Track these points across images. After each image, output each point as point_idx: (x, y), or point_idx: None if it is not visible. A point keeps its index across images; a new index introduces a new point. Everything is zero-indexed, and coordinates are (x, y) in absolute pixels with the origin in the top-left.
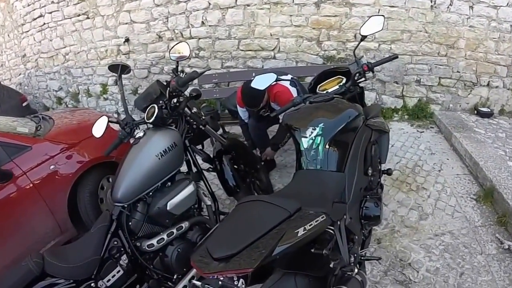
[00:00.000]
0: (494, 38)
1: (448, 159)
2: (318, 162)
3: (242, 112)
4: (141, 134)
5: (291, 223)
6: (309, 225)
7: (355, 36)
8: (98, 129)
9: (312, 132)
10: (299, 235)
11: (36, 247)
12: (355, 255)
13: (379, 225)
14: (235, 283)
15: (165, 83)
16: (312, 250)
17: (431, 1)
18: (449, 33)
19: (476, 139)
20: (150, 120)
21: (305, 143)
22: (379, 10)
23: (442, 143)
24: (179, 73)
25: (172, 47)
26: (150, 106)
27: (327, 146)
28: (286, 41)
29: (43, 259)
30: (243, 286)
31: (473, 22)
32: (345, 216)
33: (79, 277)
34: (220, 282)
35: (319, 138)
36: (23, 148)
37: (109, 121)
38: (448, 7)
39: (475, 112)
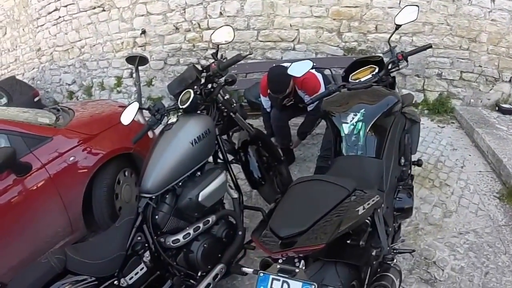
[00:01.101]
0: None
1: (470, 155)
2: (359, 147)
3: (265, 101)
4: (174, 119)
5: (351, 201)
6: (367, 204)
7: (376, 27)
8: (127, 116)
9: (353, 118)
10: (359, 213)
11: (46, 248)
12: (388, 248)
13: (402, 222)
14: (296, 264)
15: (201, 68)
16: (348, 241)
17: None
18: (471, 26)
19: (498, 135)
20: (185, 106)
21: (346, 128)
22: (400, 1)
23: (463, 139)
24: (219, 57)
25: (215, 30)
26: (185, 91)
27: (368, 132)
28: (306, 32)
29: (66, 255)
30: (303, 268)
31: (495, 15)
32: (382, 205)
33: (102, 274)
34: (278, 266)
35: (360, 123)
36: (44, 139)
37: (140, 108)
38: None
39: (497, 108)
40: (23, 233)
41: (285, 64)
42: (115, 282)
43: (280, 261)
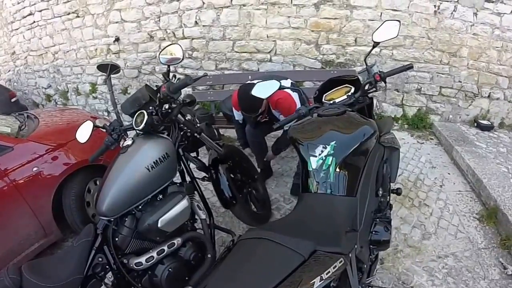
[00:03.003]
0: (497, 47)
1: (449, 173)
2: (328, 185)
3: (238, 115)
4: (129, 142)
5: (306, 269)
6: (326, 273)
7: (355, 40)
8: (83, 134)
9: (322, 151)
10: (315, 286)
11: (19, 249)
12: (363, 285)
13: None
14: None
15: (155, 88)
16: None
17: (435, 6)
18: (452, 40)
19: (477, 153)
20: (140, 127)
21: (313, 163)
22: (381, 14)
23: (442, 156)
24: (170, 77)
25: (163, 49)
26: (139, 112)
27: (338, 168)
28: (283, 44)
29: (21, 275)
30: None
31: (477, 29)
32: (356, 246)
33: None
34: None
35: (330, 158)
36: (4, 149)
37: (94, 126)
38: (452, 13)
39: (475, 124)
40: None
41: (256, 82)
42: None
43: None
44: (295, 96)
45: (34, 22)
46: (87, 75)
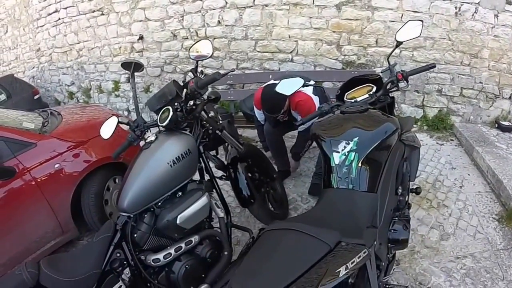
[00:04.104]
0: None
1: (469, 174)
2: (350, 181)
3: (259, 114)
4: (152, 138)
5: (332, 259)
6: (351, 263)
7: (376, 41)
8: (107, 130)
9: (345, 147)
10: (341, 275)
11: (35, 246)
12: (380, 283)
13: None
14: None
15: (182, 84)
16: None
17: (456, 8)
18: (473, 41)
19: (498, 154)
20: (164, 124)
21: (336, 158)
22: (402, 15)
23: (462, 157)
24: (198, 73)
25: (193, 45)
26: (165, 108)
27: (360, 163)
28: (305, 44)
29: (39, 269)
30: None
31: (498, 31)
32: (375, 242)
33: None
34: None
35: (353, 154)
36: (28, 145)
37: (119, 122)
38: (473, 14)
39: (496, 125)
40: (9, 233)
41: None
42: None
43: None
44: (315, 99)
45: (59, 19)
46: (110, 73)
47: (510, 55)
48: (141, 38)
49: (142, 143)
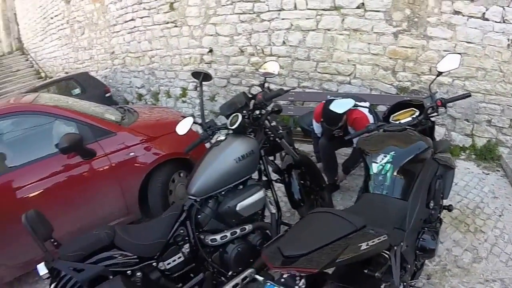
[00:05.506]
0: None
1: (510, 205)
2: (384, 187)
3: (317, 127)
4: (222, 137)
5: (355, 237)
6: (372, 242)
7: (430, 69)
8: (183, 128)
9: (383, 159)
10: (361, 249)
11: (102, 222)
12: (405, 283)
13: (431, 261)
14: (297, 282)
15: (250, 95)
16: (366, 271)
17: (508, 40)
18: None
19: None
20: (233, 127)
21: (374, 168)
22: (455, 45)
23: (506, 188)
24: (265, 88)
25: (264, 63)
26: (235, 114)
27: (395, 174)
28: (363, 68)
29: (114, 232)
30: (303, 286)
31: None
32: (402, 243)
33: (143, 255)
34: (282, 280)
35: (388, 165)
36: (109, 133)
37: (194, 122)
38: None
39: None
40: (83, 206)
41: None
42: (154, 264)
43: (284, 276)
44: (370, 118)
45: (135, 27)
46: (179, 80)
47: None
48: (210, 51)
49: (207, 145)
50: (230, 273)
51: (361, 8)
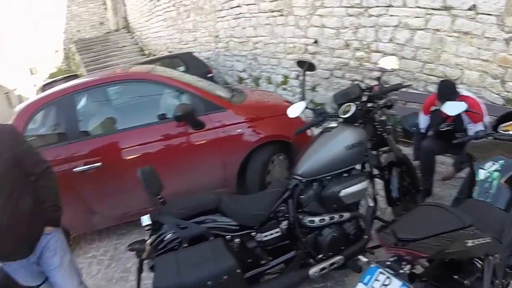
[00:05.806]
0: None
1: None
2: (489, 195)
3: (424, 120)
4: (334, 124)
5: (463, 233)
6: (477, 241)
7: None
8: (295, 111)
9: (491, 166)
10: (467, 245)
11: (199, 191)
12: None
13: None
14: (402, 266)
15: (364, 88)
16: (455, 276)
17: None
18: None
19: None
20: (345, 116)
21: (481, 174)
22: None
23: None
24: (381, 82)
25: (382, 57)
26: (348, 104)
27: (501, 183)
28: (470, 74)
29: (220, 199)
30: (407, 272)
31: None
32: (496, 254)
33: (245, 223)
34: (388, 263)
35: (496, 173)
36: (219, 108)
37: (306, 107)
38: None
39: None
40: (188, 171)
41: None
42: (253, 234)
43: (390, 259)
44: (484, 108)
45: (240, 13)
46: (281, 68)
47: None
48: (315, 42)
49: (310, 132)
50: (320, 256)
51: (473, 10)
